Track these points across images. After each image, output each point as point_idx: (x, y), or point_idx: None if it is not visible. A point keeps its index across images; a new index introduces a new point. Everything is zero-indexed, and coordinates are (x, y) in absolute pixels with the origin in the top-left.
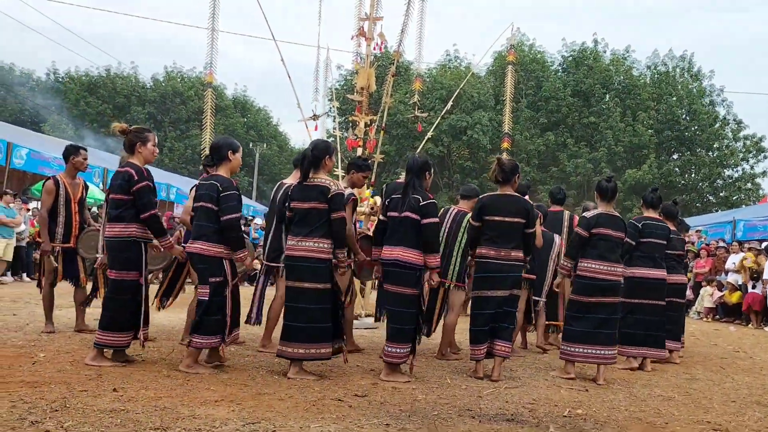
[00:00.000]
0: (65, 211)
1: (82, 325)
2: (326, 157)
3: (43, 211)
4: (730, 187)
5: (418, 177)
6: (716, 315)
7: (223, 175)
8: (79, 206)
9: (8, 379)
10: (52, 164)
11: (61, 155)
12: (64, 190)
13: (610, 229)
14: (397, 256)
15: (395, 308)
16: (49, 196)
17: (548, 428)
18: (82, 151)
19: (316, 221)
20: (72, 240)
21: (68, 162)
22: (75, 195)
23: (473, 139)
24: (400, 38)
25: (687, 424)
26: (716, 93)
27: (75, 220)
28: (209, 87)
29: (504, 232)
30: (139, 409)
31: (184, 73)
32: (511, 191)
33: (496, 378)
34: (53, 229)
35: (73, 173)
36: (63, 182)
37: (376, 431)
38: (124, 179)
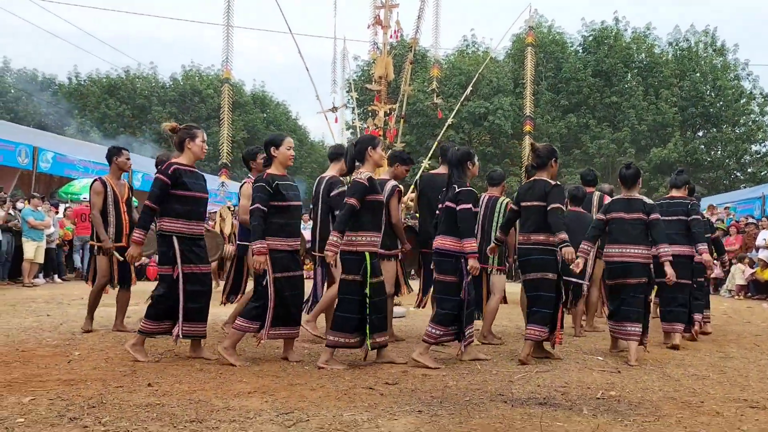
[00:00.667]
0: (115, 212)
1: (121, 326)
2: (368, 148)
3: (95, 212)
4: (758, 162)
5: (457, 168)
6: (748, 292)
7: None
8: (127, 206)
9: (45, 377)
10: (78, 167)
11: (105, 158)
12: (112, 191)
13: (623, 212)
14: (438, 244)
15: (440, 295)
16: (98, 197)
17: (581, 411)
18: (124, 152)
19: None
20: (123, 239)
21: (112, 163)
22: (122, 195)
23: (494, 124)
24: (417, 25)
25: (723, 402)
26: (741, 67)
27: (125, 220)
28: (226, 83)
29: (528, 216)
30: (174, 402)
31: (202, 71)
32: (545, 176)
33: (523, 359)
34: (105, 229)
35: (118, 174)
36: (109, 183)
37: (408, 418)
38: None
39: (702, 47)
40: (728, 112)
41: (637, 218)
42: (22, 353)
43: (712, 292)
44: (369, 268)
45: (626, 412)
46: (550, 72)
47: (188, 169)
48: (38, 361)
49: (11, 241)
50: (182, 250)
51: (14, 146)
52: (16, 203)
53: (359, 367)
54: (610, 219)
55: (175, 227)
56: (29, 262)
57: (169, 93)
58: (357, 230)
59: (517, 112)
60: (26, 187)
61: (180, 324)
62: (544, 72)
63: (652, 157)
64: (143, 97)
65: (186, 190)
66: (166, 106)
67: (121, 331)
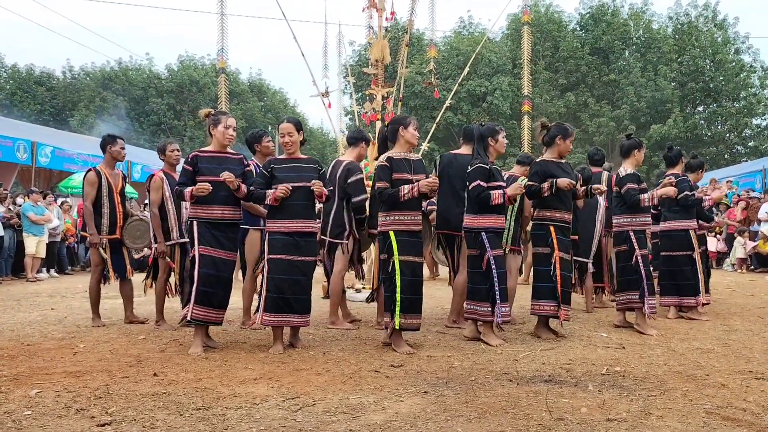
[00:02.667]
0: (109, 203)
1: (132, 317)
2: (400, 128)
3: (87, 203)
4: (759, 136)
5: (479, 144)
6: (750, 265)
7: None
8: (121, 197)
9: (51, 370)
10: (77, 160)
11: (99, 146)
12: (106, 181)
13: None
14: (465, 222)
15: (469, 269)
16: (92, 188)
17: (587, 387)
18: (119, 140)
19: None
20: (117, 231)
21: (106, 152)
22: (116, 185)
23: (493, 105)
24: (412, 7)
25: (728, 374)
26: (741, 41)
27: (119, 211)
28: (222, 72)
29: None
30: (181, 391)
31: (197, 61)
32: (553, 155)
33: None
34: (98, 221)
35: (112, 164)
36: (104, 173)
37: (414, 400)
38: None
39: (702, 21)
40: (728, 86)
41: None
42: (27, 347)
43: (715, 266)
44: (395, 247)
45: (631, 387)
46: (548, 51)
47: (211, 154)
48: (44, 355)
49: (13, 237)
50: (200, 233)
51: (12, 141)
52: (16, 199)
53: (364, 350)
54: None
55: (195, 212)
56: (31, 257)
57: (166, 84)
58: (384, 210)
59: (515, 92)
60: (26, 183)
61: (191, 306)
62: (542, 51)
63: (651, 134)
64: (141, 89)
65: (202, 175)
66: (164, 97)
67: (134, 322)
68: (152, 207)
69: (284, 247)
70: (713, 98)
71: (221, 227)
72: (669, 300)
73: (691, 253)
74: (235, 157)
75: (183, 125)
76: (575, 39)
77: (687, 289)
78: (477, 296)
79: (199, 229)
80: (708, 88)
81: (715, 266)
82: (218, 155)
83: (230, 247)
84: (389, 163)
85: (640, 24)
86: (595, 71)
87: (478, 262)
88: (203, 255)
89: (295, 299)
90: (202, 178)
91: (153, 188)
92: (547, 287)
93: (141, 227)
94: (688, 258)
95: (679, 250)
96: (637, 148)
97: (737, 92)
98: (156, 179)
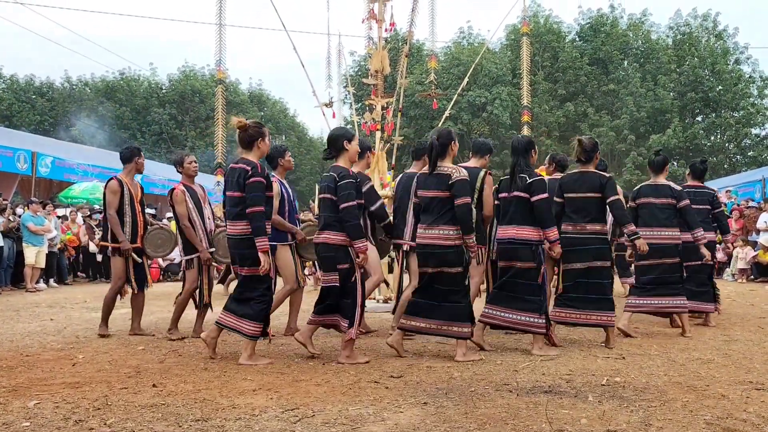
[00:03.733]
0: (131, 212)
1: (138, 329)
2: (451, 143)
3: (111, 212)
4: (758, 146)
5: (523, 156)
6: (750, 275)
7: (342, 165)
8: (141, 206)
9: (50, 381)
10: (77, 170)
11: (120, 156)
12: (128, 190)
13: (652, 197)
14: (512, 234)
15: (519, 281)
16: (115, 197)
17: (587, 398)
18: (142, 153)
19: (439, 209)
20: (138, 240)
21: (130, 162)
22: (136, 195)
23: (493, 115)
24: (411, 17)
25: (729, 385)
26: (740, 51)
27: (140, 221)
28: (220, 84)
29: (581, 207)
30: (180, 402)
31: (197, 71)
32: (591, 168)
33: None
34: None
35: (133, 174)
36: (125, 182)
37: (413, 410)
38: (242, 176)
39: (701, 32)
40: (728, 96)
41: (666, 203)
42: (26, 358)
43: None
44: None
45: (632, 397)
46: (547, 61)
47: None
48: (42, 365)
49: (12, 247)
50: None
51: (13, 152)
52: (16, 209)
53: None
54: (640, 204)
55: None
56: (31, 268)
57: (168, 94)
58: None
59: (515, 102)
60: (26, 193)
61: None
62: (541, 62)
63: (651, 144)
64: (143, 99)
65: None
66: (166, 108)
67: (138, 335)
68: (183, 220)
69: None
70: (712, 108)
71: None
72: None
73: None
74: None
75: (184, 135)
76: (574, 49)
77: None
78: (529, 308)
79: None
80: (707, 98)
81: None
82: None
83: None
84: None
85: (639, 34)
86: (595, 81)
87: (534, 275)
88: None
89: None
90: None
91: (177, 202)
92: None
93: (162, 235)
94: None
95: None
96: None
97: (736, 102)
98: (178, 192)
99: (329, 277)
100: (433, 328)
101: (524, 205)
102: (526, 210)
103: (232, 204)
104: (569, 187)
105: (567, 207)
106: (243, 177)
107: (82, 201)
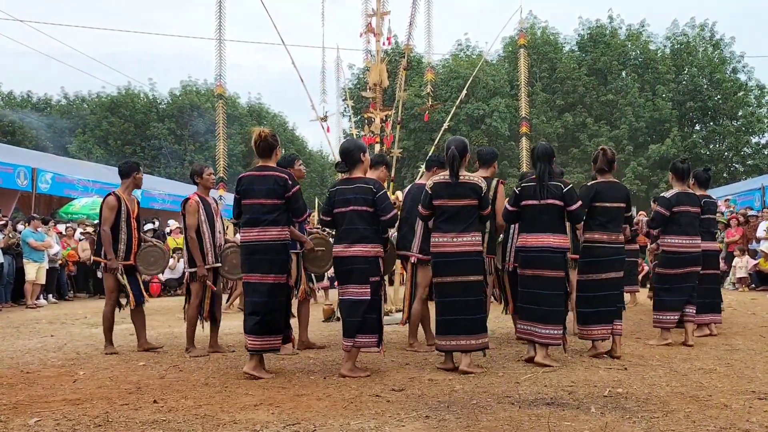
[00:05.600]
0: (126, 228)
1: (146, 344)
2: (466, 153)
3: (105, 228)
4: (758, 154)
5: (549, 164)
6: (751, 284)
7: (362, 176)
8: (137, 222)
9: (50, 398)
10: (77, 186)
11: (119, 171)
12: (125, 206)
13: (689, 206)
14: (549, 242)
15: (545, 291)
16: (112, 212)
17: (589, 409)
18: (141, 168)
19: (468, 217)
20: (132, 258)
21: (129, 177)
22: (133, 211)
23: (492, 127)
24: (409, 31)
25: (731, 395)
26: (736, 60)
27: (134, 237)
28: (220, 99)
29: (614, 216)
30: (180, 418)
31: (199, 86)
32: (613, 177)
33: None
34: (115, 246)
35: (131, 189)
36: (123, 198)
37: (415, 424)
38: (279, 183)
39: (699, 41)
40: (726, 105)
41: (698, 212)
42: (26, 375)
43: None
44: None
45: (634, 408)
46: (545, 73)
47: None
48: (43, 382)
49: (12, 263)
50: (242, 259)
51: (13, 168)
52: (17, 225)
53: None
54: (678, 212)
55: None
56: (31, 284)
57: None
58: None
59: (513, 113)
60: (26, 209)
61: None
62: (539, 73)
63: (650, 154)
64: (142, 114)
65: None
66: (165, 122)
67: (148, 350)
68: (189, 231)
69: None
70: (711, 117)
71: (253, 248)
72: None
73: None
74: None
75: (183, 150)
76: (572, 60)
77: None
78: (553, 319)
79: (242, 254)
80: (706, 107)
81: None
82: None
83: (263, 269)
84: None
85: (637, 45)
86: (593, 92)
87: (561, 284)
88: (245, 282)
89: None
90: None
91: (189, 212)
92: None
93: (155, 253)
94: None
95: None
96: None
97: (735, 111)
98: (192, 203)
99: (360, 290)
100: (472, 344)
101: (558, 213)
102: (558, 217)
103: (265, 211)
104: (605, 195)
105: (600, 216)
106: (282, 185)
107: (82, 216)
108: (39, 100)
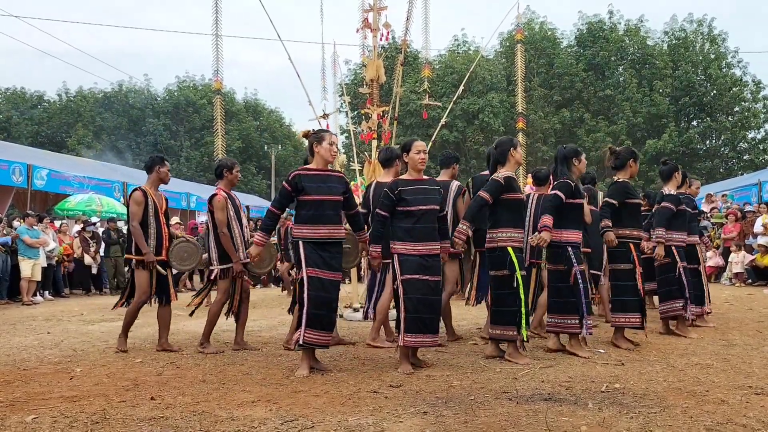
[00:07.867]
0: (155, 223)
1: (165, 345)
2: (510, 149)
3: (135, 223)
4: (754, 149)
5: (562, 165)
6: (747, 279)
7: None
8: (165, 218)
9: (48, 395)
10: (73, 182)
11: (144, 166)
12: (152, 202)
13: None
14: (574, 238)
15: (553, 284)
16: (139, 207)
17: (587, 405)
18: (166, 162)
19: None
20: (163, 253)
21: (153, 172)
22: (161, 206)
23: (485, 122)
24: (406, 26)
25: (728, 390)
26: (731, 55)
27: (164, 233)
28: (218, 94)
29: (631, 212)
30: (178, 415)
31: (196, 82)
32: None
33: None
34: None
35: (157, 184)
36: (150, 193)
37: (413, 420)
38: (340, 182)
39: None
40: (722, 100)
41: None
42: (23, 372)
43: (713, 280)
44: (516, 262)
45: (631, 404)
46: (542, 68)
47: (313, 173)
48: (40, 379)
49: (7, 260)
50: (307, 254)
51: (8, 165)
52: (12, 222)
53: (362, 371)
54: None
55: (301, 232)
56: (27, 281)
57: (163, 105)
58: (497, 227)
59: (508, 108)
60: (22, 206)
61: (302, 330)
62: (536, 68)
63: (647, 149)
64: (138, 109)
65: (307, 194)
66: (160, 118)
67: (167, 351)
68: (221, 227)
69: (417, 268)
70: (707, 113)
71: (327, 246)
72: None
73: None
74: (337, 175)
75: (179, 145)
76: (569, 56)
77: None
78: (563, 309)
79: (305, 250)
80: (702, 103)
81: (712, 280)
82: (321, 173)
83: (336, 268)
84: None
85: (635, 40)
86: (591, 87)
87: (564, 276)
88: (311, 277)
89: (430, 319)
90: (306, 198)
91: (218, 208)
92: (632, 301)
93: (188, 249)
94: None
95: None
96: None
97: (731, 106)
98: (220, 199)
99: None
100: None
101: (573, 210)
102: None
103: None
104: (633, 192)
105: (625, 212)
106: (343, 184)
107: (78, 213)
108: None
